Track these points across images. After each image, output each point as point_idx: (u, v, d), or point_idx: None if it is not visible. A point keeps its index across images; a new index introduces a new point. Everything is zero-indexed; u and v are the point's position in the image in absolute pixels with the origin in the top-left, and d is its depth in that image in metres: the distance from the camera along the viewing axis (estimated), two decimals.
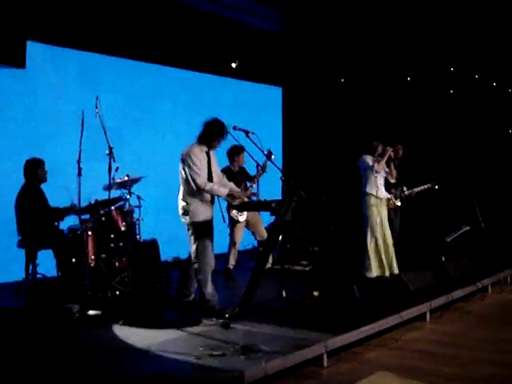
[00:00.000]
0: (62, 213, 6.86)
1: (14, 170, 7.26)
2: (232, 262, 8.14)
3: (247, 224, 8.19)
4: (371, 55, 10.87)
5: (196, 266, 5.85)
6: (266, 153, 6.96)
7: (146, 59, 9.41)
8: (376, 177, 7.68)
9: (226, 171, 7.88)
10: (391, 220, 8.39)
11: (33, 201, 6.66)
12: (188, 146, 5.96)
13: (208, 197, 5.92)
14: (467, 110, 10.75)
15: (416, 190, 8.59)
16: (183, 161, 5.88)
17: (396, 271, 7.70)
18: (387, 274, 7.65)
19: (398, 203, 8.42)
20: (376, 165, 7.64)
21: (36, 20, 7.55)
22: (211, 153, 6.02)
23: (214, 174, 5.98)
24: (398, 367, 4.88)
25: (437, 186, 8.69)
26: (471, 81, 10.61)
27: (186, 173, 5.85)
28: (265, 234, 8.08)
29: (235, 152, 7.97)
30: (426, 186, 8.70)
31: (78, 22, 8.22)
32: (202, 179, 5.79)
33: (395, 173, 8.12)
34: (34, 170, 6.77)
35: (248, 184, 8.13)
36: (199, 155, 5.86)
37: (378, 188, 7.67)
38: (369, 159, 7.75)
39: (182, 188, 5.95)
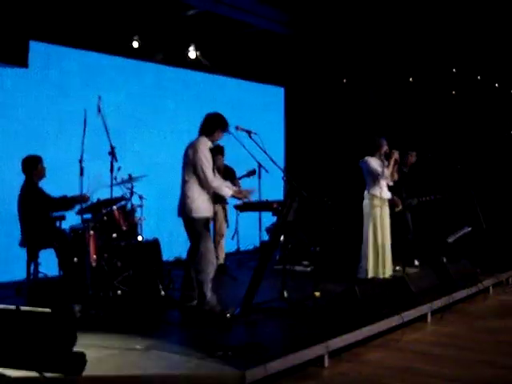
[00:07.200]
0: (72, 202, 6.75)
1: (17, 169, 7.27)
2: (221, 255, 8.06)
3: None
4: (373, 55, 10.87)
5: (198, 266, 5.82)
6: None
7: (148, 59, 9.43)
8: (380, 178, 7.64)
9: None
10: (406, 221, 8.40)
11: (34, 198, 6.64)
12: (194, 140, 5.90)
13: (209, 195, 5.89)
14: (469, 111, 10.74)
15: (417, 200, 8.54)
16: (191, 154, 5.78)
17: (389, 274, 7.63)
18: (381, 276, 7.56)
19: (398, 208, 8.44)
20: (386, 170, 7.60)
21: (38, 19, 7.57)
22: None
23: (214, 172, 5.94)
24: (398, 368, 4.89)
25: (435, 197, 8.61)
26: (473, 82, 10.60)
27: (192, 166, 5.77)
28: (223, 232, 8.17)
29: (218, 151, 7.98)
30: (427, 198, 8.64)
31: (81, 21, 8.24)
32: (211, 174, 5.76)
33: (396, 176, 8.05)
34: (35, 165, 6.71)
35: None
36: (207, 150, 5.81)
37: (381, 189, 7.64)
38: (375, 162, 7.67)
39: (185, 184, 5.88)
